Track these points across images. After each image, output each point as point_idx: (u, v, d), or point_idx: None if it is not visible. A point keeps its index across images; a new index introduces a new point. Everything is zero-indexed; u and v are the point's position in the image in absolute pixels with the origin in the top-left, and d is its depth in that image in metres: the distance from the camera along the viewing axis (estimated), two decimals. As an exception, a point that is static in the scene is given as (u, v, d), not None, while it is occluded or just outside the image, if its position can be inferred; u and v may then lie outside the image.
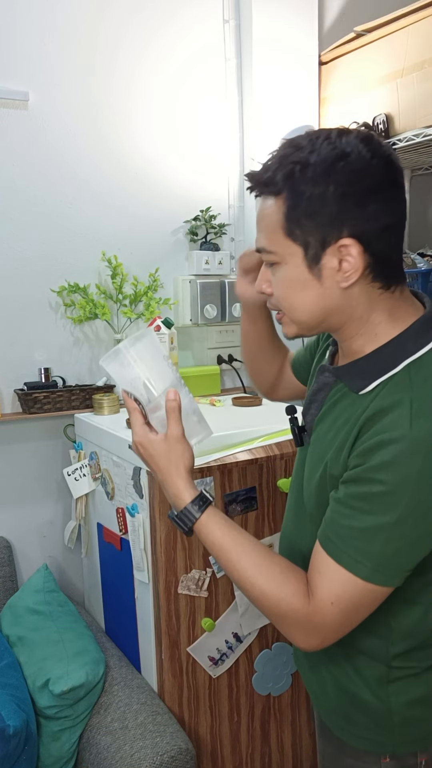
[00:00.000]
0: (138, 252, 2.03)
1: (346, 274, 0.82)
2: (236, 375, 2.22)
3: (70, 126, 1.89)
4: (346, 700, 0.98)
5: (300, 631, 0.86)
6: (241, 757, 1.63)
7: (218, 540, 0.92)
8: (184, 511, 0.94)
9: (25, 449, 1.93)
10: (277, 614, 0.87)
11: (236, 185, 2.19)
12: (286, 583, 0.86)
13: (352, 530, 0.81)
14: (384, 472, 0.78)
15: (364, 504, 0.80)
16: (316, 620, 0.84)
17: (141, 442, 0.96)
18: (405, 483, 0.77)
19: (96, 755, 1.42)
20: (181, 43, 2.04)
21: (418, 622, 0.92)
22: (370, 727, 0.97)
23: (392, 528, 0.79)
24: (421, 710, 0.95)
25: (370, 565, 0.80)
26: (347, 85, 2.10)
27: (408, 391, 0.81)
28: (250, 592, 0.89)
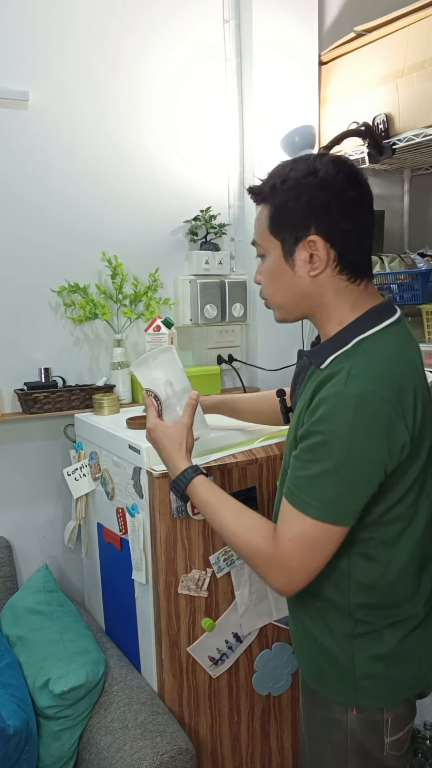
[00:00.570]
0: (138, 252, 2.03)
1: (314, 264, 1.02)
2: (236, 375, 2.22)
3: (70, 126, 1.89)
4: (317, 651, 1.11)
5: (268, 569, 1.01)
6: (241, 757, 1.63)
7: (205, 496, 1.12)
8: (180, 476, 1.15)
9: (25, 449, 1.93)
10: (248, 555, 1.04)
11: (236, 185, 2.19)
12: (255, 527, 1.05)
13: (304, 478, 0.97)
14: (322, 423, 0.95)
15: (310, 455, 0.96)
16: (279, 557, 0.99)
17: (153, 427, 1.21)
18: (339, 433, 0.93)
19: (96, 755, 1.42)
20: (181, 44, 2.04)
21: (377, 579, 1.04)
22: (337, 678, 1.09)
23: (332, 473, 0.94)
24: (383, 668, 1.06)
25: (317, 505, 0.95)
26: (347, 85, 2.10)
27: (351, 360, 0.98)
28: (228, 537, 1.07)
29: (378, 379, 0.95)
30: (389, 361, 0.97)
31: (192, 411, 1.22)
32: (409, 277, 2.07)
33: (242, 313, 2.14)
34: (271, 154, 2.12)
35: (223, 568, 1.52)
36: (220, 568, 1.52)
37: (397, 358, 0.98)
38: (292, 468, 1.00)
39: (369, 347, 1.00)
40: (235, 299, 2.12)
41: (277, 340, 2.21)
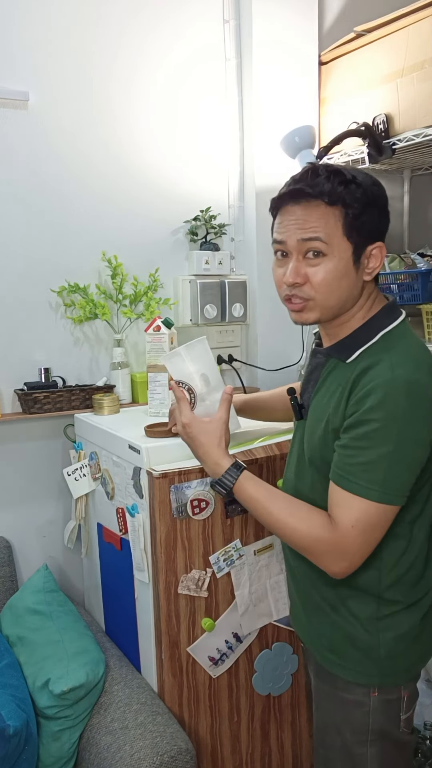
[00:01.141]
0: (138, 252, 2.03)
1: (375, 268, 1.09)
2: (236, 375, 2.22)
3: (70, 126, 1.89)
4: (340, 637, 1.14)
5: (330, 557, 1.05)
6: (241, 757, 1.63)
7: (254, 493, 1.13)
8: (225, 474, 1.14)
9: (25, 449, 1.93)
10: (308, 545, 1.07)
11: (236, 185, 2.19)
12: (311, 518, 1.07)
13: (359, 465, 1.01)
14: (375, 412, 0.99)
15: (364, 442, 1.00)
16: (341, 544, 1.03)
17: (189, 422, 1.18)
18: (394, 418, 0.98)
19: (96, 755, 1.42)
20: (181, 43, 2.04)
21: (401, 555, 1.09)
22: (360, 660, 1.13)
23: (391, 455, 0.99)
24: (404, 645, 1.12)
25: (379, 489, 1.00)
26: (347, 85, 2.10)
27: (385, 352, 1.04)
28: (283, 531, 1.09)
29: (419, 366, 1.02)
30: (422, 348, 1.06)
31: (228, 406, 1.20)
32: (409, 277, 2.07)
33: (242, 313, 2.14)
34: (271, 155, 2.12)
35: (223, 568, 1.52)
36: (220, 568, 1.52)
37: (422, 345, 1.08)
38: (343, 456, 1.03)
39: (398, 339, 1.07)
40: (235, 299, 2.12)
41: (277, 340, 2.21)
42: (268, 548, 1.59)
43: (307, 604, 1.21)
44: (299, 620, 1.27)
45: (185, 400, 1.20)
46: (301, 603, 1.24)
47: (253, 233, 2.17)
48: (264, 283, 2.19)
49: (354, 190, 1.05)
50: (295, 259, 1.09)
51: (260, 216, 2.14)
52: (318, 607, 1.18)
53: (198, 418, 1.19)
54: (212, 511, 1.49)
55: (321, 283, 1.07)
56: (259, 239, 2.16)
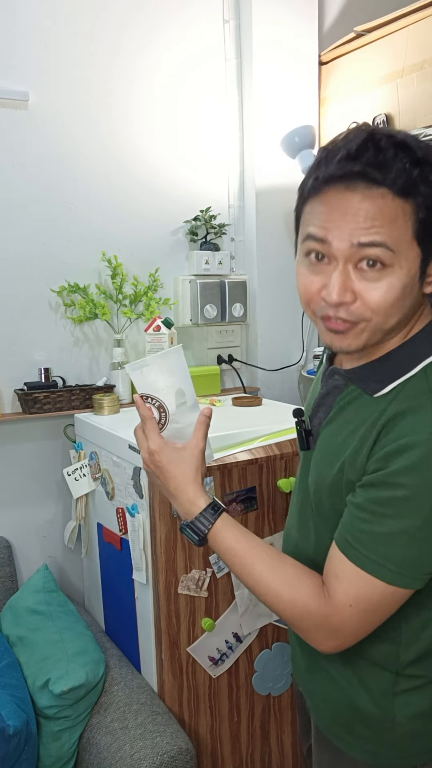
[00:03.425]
0: (138, 252, 2.03)
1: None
2: (236, 375, 2.22)
3: (70, 126, 1.89)
4: (348, 710, 0.97)
5: (318, 632, 0.86)
6: (241, 757, 1.63)
7: (232, 545, 0.91)
8: (200, 517, 0.92)
9: (25, 449, 1.93)
10: (293, 616, 0.87)
11: (236, 185, 2.19)
12: (300, 585, 0.87)
13: (374, 535, 0.81)
14: (406, 476, 0.78)
15: (386, 509, 0.79)
16: (333, 622, 0.84)
17: (158, 449, 0.94)
18: (428, 487, 0.77)
19: (96, 755, 1.42)
20: (181, 44, 2.04)
21: (426, 627, 0.91)
22: (371, 739, 0.96)
23: (416, 532, 0.78)
24: (424, 724, 0.94)
25: (394, 569, 0.80)
26: (347, 85, 2.10)
27: (428, 395, 0.80)
28: (266, 596, 0.89)
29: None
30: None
31: (206, 431, 0.97)
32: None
33: (242, 313, 2.14)
34: (272, 155, 2.12)
35: (223, 568, 1.52)
36: (220, 568, 1.52)
37: None
38: (355, 518, 0.83)
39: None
40: (235, 299, 2.12)
41: (277, 340, 2.21)
42: (268, 548, 1.58)
43: (310, 659, 1.02)
44: (299, 669, 1.08)
45: (152, 421, 0.95)
46: (302, 653, 1.04)
47: (253, 233, 2.17)
48: (264, 283, 2.19)
49: (429, 175, 0.77)
50: (342, 269, 0.79)
51: (260, 216, 2.14)
52: (322, 667, 1.00)
53: (171, 445, 0.94)
54: (212, 511, 1.49)
55: (380, 303, 0.79)
56: (259, 239, 2.16)
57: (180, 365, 0.97)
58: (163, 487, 0.97)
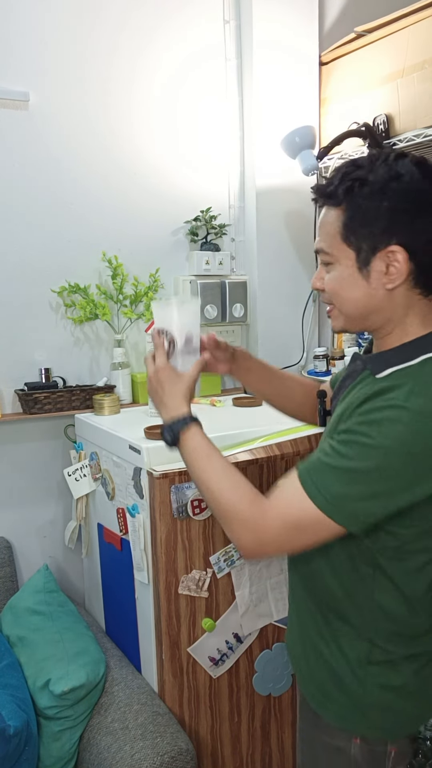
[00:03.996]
0: (138, 252, 2.03)
1: (392, 277, 0.94)
2: (236, 375, 2.22)
3: (71, 126, 1.89)
4: (327, 674, 1.06)
5: (242, 530, 0.96)
6: (242, 757, 1.63)
7: (198, 445, 1.05)
8: (179, 420, 1.07)
9: (26, 449, 1.93)
10: (227, 510, 0.98)
11: (236, 185, 2.19)
12: (243, 488, 0.99)
13: (326, 466, 0.92)
14: (374, 429, 0.89)
15: (346, 449, 0.91)
16: (259, 524, 0.95)
17: (164, 368, 1.12)
18: (383, 442, 0.88)
19: (96, 755, 1.42)
20: (181, 44, 2.04)
21: (400, 607, 0.99)
22: (344, 705, 1.04)
23: (361, 476, 0.89)
24: (394, 699, 1.02)
25: (329, 498, 0.90)
26: (348, 86, 2.10)
27: (414, 378, 0.91)
28: (210, 491, 1.01)
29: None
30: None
31: (201, 368, 1.15)
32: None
33: (242, 313, 2.13)
34: (272, 155, 2.12)
35: (224, 568, 1.52)
36: (221, 569, 1.52)
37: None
38: (320, 451, 0.95)
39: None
40: (236, 299, 2.12)
41: (277, 340, 2.21)
42: (268, 548, 1.58)
43: (301, 627, 1.13)
44: (293, 639, 1.17)
45: (163, 349, 1.14)
46: (297, 623, 1.14)
47: (254, 233, 2.16)
48: (264, 284, 2.19)
49: (355, 188, 0.93)
50: (320, 267, 1.02)
51: (260, 216, 2.14)
52: (310, 635, 1.09)
53: (172, 367, 1.12)
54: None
55: (330, 292, 1.00)
56: (259, 239, 2.16)
57: (195, 314, 1.17)
58: (159, 399, 1.12)
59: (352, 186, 0.94)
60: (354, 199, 0.94)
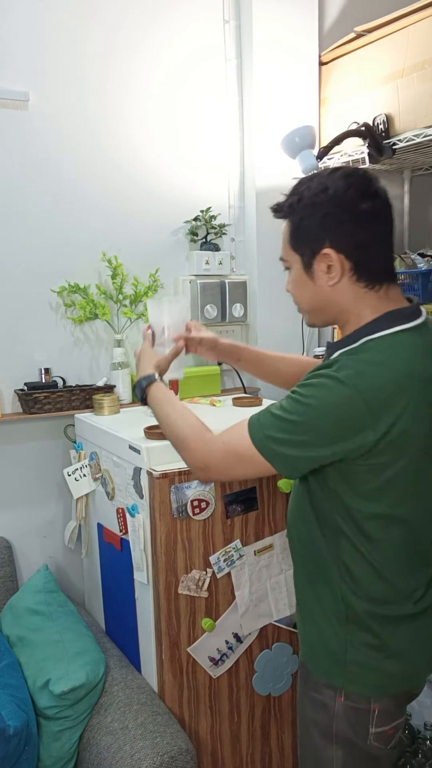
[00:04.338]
0: (138, 252, 2.03)
1: (331, 275, 1.09)
2: (236, 375, 2.22)
3: (71, 126, 1.89)
4: (315, 631, 1.18)
5: (193, 452, 1.17)
6: (242, 757, 1.63)
7: (161, 393, 1.29)
8: (147, 375, 1.32)
9: (26, 449, 1.93)
10: (182, 439, 1.19)
11: (236, 185, 2.19)
12: (195, 423, 1.20)
13: (269, 414, 1.09)
14: (306, 389, 1.05)
15: (285, 403, 1.08)
16: (206, 447, 1.16)
17: (145, 349, 1.41)
18: (312, 402, 1.03)
19: (96, 755, 1.42)
20: (181, 44, 2.04)
21: (365, 571, 1.10)
22: (328, 659, 1.15)
23: (288, 424, 1.05)
24: (372, 657, 1.12)
25: (261, 436, 1.08)
26: (347, 86, 2.10)
27: (350, 355, 1.06)
28: (171, 427, 1.23)
29: (363, 375, 1.02)
30: (383, 365, 1.03)
31: (175, 352, 1.40)
32: (409, 278, 2.07)
33: (242, 313, 2.13)
34: (272, 155, 2.12)
35: (224, 568, 1.52)
36: (221, 569, 1.52)
37: (394, 363, 1.03)
38: (270, 405, 1.12)
39: (371, 347, 1.06)
40: (236, 299, 2.12)
41: (277, 340, 2.21)
42: (268, 549, 1.59)
43: (300, 592, 1.24)
44: (297, 609, 1.28)
45: (149, 339, 1.42)
46: (297, 591, 1.25)
47: (254, 233, 2.17)
48: (264, 284, 2.19)
49: (295, 202, 1.10)
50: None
51: (260, 216, 2.14)
52: (305, 597, 1.21)
53: (150, 348, 1.41)
54: (212, 511, 1.49)
55: (291, 292, 1.18)
56: (259, 239, 2.16)
57: (176, 312, 1.42)
58: (137, 369, 1.38)
59: (293, 201, 1.11)
60: (294, 213, 1.11)
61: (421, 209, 2.55)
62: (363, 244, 1.07)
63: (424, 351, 1.06)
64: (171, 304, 1.43)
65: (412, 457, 1.05)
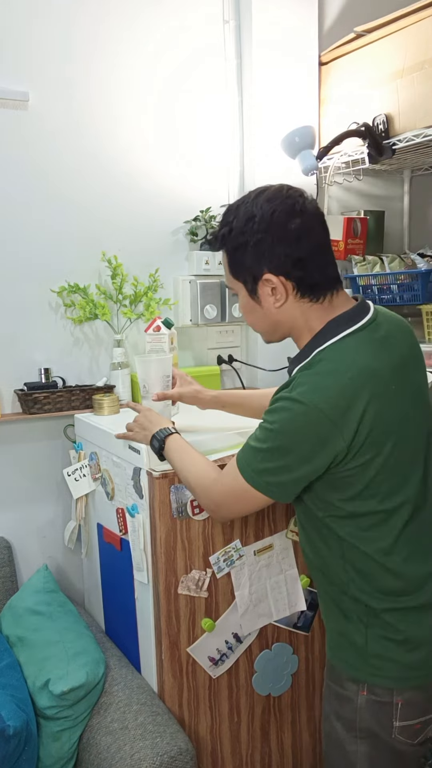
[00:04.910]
0: (138, 252, 2.03)
1: (277, 296, 1.13)
2: (236, 375, 2.22)
3: (70, 126, 1.89)
4: (338, 625, 1.20)
5: (204, 496, 1.24)
6: (241, 757, 1.63)
7: (178, 444, 1.34)
8: (164, 429, 1.38)
9: (25, 449, 1.93)
10: (196, 485, 1.27)
11: (236, 186, 2.19)
12: (207, 469, 1.27)
13: (249, 447, 1.13)
14: (271, 415, 1.09)
15: (258, 433, 1.12)
16: (213, 491, 1.22)
17: (146, 409, 1.50)
18: (275, 426, 1.08)
19: (96, 756, 1.42)
20: (181, 44, 2.04)
21: (367, 566, 1.12)
22: (351, 653, 1.17)
23: (265, 453, 1.09)
24: (393, 648, 1.12)
25: (249, 472, 1.12)
26: (347, 86, 2.10)
27: (304, 371, 1.10)
28: (186, 474, 1.30)
29: (316, 388, 1.05)
30: (333, 374, 1.06)
31: (157, 410, 1.49)
32: (409, 278, 2.07)
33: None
34: (271, 155, 2.12)
35: (223, 568, 1.52)
36: (220, 569, 1.52)
37: (344, 369, 1.06)
38: (249, 438, 1.15)
39: (322, 358, 1.09)
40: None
41: (277, 340, 2.21)
42: (268, 549, 1.59)
43: (320, 592, 1.27)
44: (320, 602, 1.32)
45: (140, 403, 1.56)
46: (318, 586, 1.28)
47: (253, 233, 2.16)
48: (264, 284, 2.18)
49: (226, 235, 1.14)
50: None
51: (260, 216, 2.14)
52: (327, 594, 1.23)
53: (151, 408, 1.49)
54: (212, 511, 1.49)
55: (242, 313, 1.23)
56: (259, 239, 2.15)
57: (162, 368, 1.53)
58: (147, 426, 1.42)
59: (224, 233, 1.14)
60: (227, 244, 1.14)
61: (421, 209, 2.55)
62: (300, 262, 1.09)
63: (373, 347, 1.10)
64: (155, 363, 1.53)
65: (390, 449, 1.08)
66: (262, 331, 1.22)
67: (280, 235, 1.09)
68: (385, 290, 2.14)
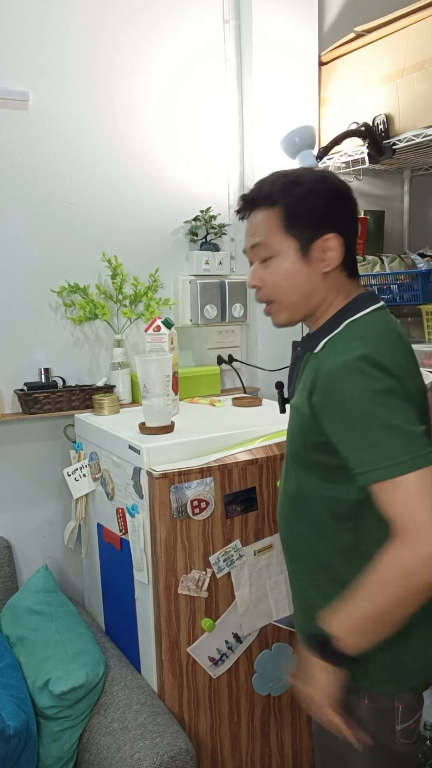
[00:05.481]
0: (138, 252, 2.03)
1: (328, 261, 1.09)
2: (236, 375, 2.22)
3: (70, 126, 1.89)
4: None
5: (417, 559, 0.91)
6: (241, 757, 1.63)
7: (347, 618, 1.01)
8: (336, 651, 1.03)
9: (25, 449, 1.93)
10: (399, 580, 0.93)
11: (236, 185, 2.19)
12: (380, 557, 0.95)
13: (361, 453, 0.96)
14: (336, 398, 0.99)
15: (350, 431, 0.97)
16: (412, 536, 0.91)
17: (318, 694, 1.10)
18: (352, 397, 0.96)
19: (96, 755, 1.42)
20: (181, 44, 2.04)
21: (355, 549, 1.06)
22: (352, 660, 1.06)
23: (375, 428, 0.94)
24: (391, 654, 1.07)
25: (398, 460, 0.92)
26: (347, 86, 2.10)
27: (339, 341, 1.06)
28: (383, 608, 0.96)
29: (375, 342, 1.01)
30: (378, 332, 1.05)
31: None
32: (409, 278, 2.07)
33: (242, 313, 2.14)
34: (271, 155, 2.12)
35: (223, 568, 1.52)
36: (220, 569, 1.52)
37: (384, 332, 1.05)
38: (346, 450, 0.98)
39: (360, 324, 1.07)
40: (235, 299, 2.12)
41: (277, 340, 2.21)
42: (268, 548, 1.58)
43: (305, 606, 1.20)
44: (299, 623, 1.24)
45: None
46: (297, 605, 1.23)
47: (253, 233, 2.16)
48: (264, 284, 2.18)
49: (290, 188, 1.08)
50: (255, 266, 1.15)
51: (260, 216, 2.14)
52: (314, 607, 1.14)
53: (325, 691, 1.09)
54: (212, 511, 1.49)
55: (274, 284, 1.12)
56: (259, 239, 2.16)
57: (163, 368, 1.55)
58: (314, 685, 1.09)
59: (285, 185, 1.09)
60: (293, 195, 1.08)
61: (421, 209, 2.55)
62: (353, 233, 1.12)
63: (393, 322, 1.11)
64: (155, 363, 1.54)
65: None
66: (294, 301, 1.12)
67: (346, 203, 1.11)
68: (385, 290, 2.14)
